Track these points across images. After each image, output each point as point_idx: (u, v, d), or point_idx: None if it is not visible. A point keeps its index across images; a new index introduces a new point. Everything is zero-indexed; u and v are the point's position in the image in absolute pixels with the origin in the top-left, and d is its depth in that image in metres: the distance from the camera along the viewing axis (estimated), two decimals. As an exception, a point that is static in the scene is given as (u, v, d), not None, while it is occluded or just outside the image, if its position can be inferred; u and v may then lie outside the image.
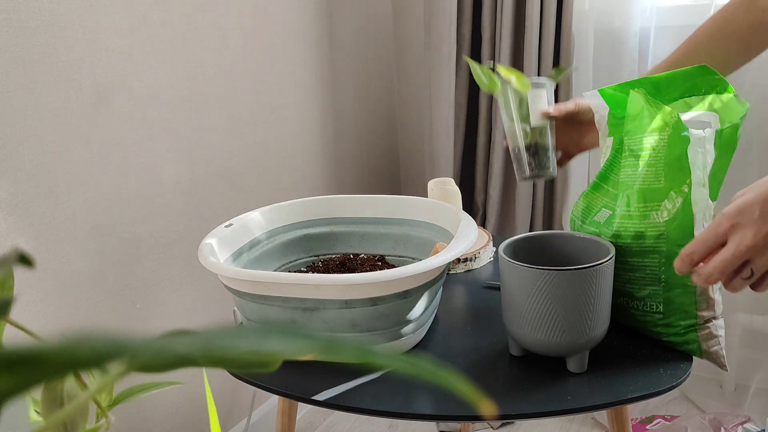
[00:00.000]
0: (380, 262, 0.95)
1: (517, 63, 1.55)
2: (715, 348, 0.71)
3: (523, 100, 0.87)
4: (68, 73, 1.00)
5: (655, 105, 0.71)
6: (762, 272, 0.59)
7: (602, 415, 1.49)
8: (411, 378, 0.70)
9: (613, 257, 0.69)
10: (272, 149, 1.44)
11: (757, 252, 0.58)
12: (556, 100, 1.52)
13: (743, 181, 1.42)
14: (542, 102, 0.88)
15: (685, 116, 0.73)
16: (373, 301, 0.69)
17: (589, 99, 0.84)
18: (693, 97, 0.78)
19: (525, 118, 0.88)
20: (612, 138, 0.81)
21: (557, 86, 1.51)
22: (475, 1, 1.58)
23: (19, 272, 0.96)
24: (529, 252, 0.76)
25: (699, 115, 0.75)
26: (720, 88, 0.77)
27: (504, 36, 1.50)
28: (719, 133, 0.71)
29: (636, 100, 0.74)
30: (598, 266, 0.66)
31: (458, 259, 1.01)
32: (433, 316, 0.82)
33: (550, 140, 0.88)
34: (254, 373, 0.75)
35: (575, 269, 0.65)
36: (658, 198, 0.70)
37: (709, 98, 0.77)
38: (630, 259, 0.72)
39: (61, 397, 0.43)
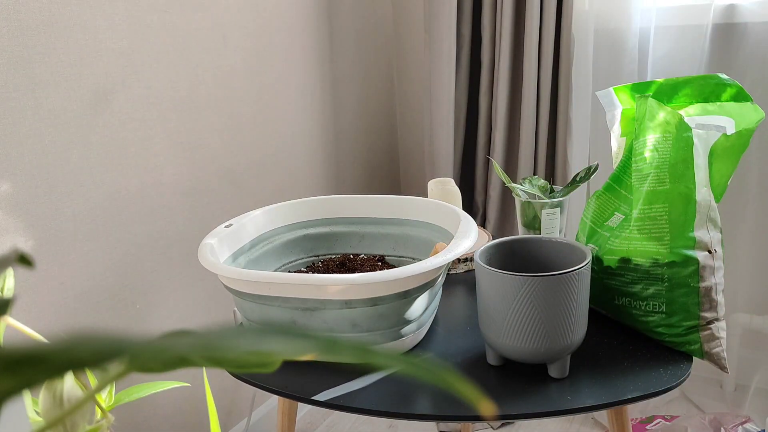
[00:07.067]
0: (380, 262, 0.95)
1: (517, 63, 1.55)
2: (717, 350, 0.71)
3: (536, 216, 0.93)
4: (68, 73, 1.00)
5: (659, 106, 0.72)
6: None
7: (602, 415, 1.48)
8: (411, 378, 0.70)
9: (590, 261, 0.68)
10: (272, 149, 1.44)
11: None
12: (555, 100, 1.52)
13: (743, 181, 1.42)
14: (555, 221, 0.92)
15: (701, 119, 0.74)
16: (373, 301, 0.69)
17: (602, 98, 0.84)
18: (709, 102, 0.78)
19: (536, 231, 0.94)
20: (625, 138, 0.81)
21: (556, 85, 1.51)
22: (475, 1, 1.58)
23: (19, 272, 0.96)
24: (501, 258, 0.74)
25: (715, 119, 0.75)
26: (738, 96, 0.76)
27: (504, 36, 1.50)
28: (730, 136, 0.71)
29: (642, 103, 0.74)
30: (579, 270, 0.65)
31: (458, 259, 1.01)
32: (433, 316, 0.82)
33: None
34: (254, 373, 0.75)
35: (556, 275, 0.64)
36: (662, 200, 0.70)
37: (726, 104, 0.77)
38: (633, 259, 0.72)
39: (61, 397, 0.43)
